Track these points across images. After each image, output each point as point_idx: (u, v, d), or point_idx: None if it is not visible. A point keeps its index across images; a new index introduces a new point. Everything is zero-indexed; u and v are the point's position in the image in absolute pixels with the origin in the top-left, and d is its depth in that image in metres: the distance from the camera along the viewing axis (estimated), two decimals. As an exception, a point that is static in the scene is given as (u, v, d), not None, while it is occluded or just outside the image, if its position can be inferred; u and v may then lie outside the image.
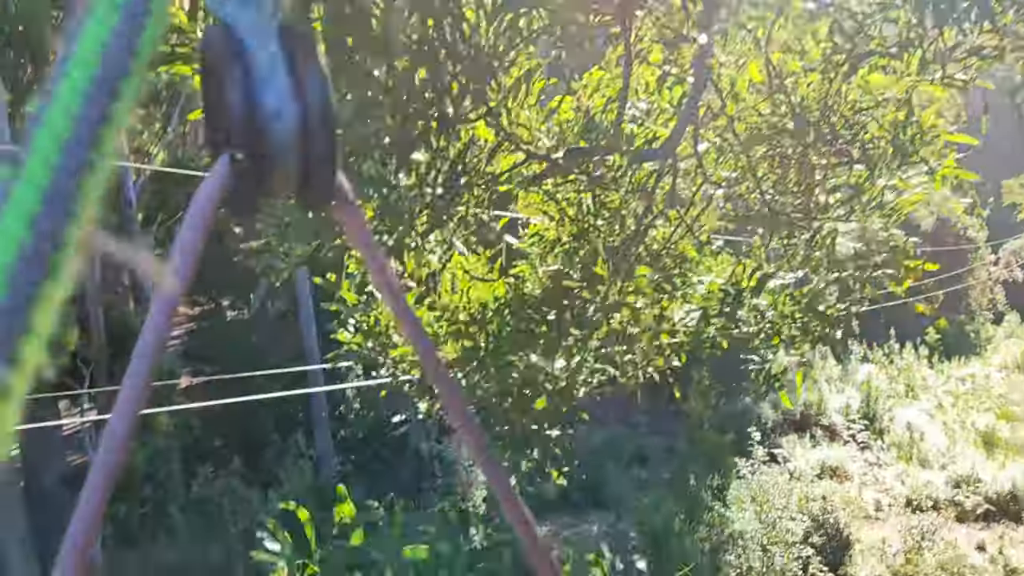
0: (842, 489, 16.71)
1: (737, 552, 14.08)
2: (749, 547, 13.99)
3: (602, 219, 3.98)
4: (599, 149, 3.47)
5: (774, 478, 15.76)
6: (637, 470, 19.24)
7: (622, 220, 3.99)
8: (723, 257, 4.30)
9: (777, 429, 20.23)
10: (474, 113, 2.96)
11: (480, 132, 3.24)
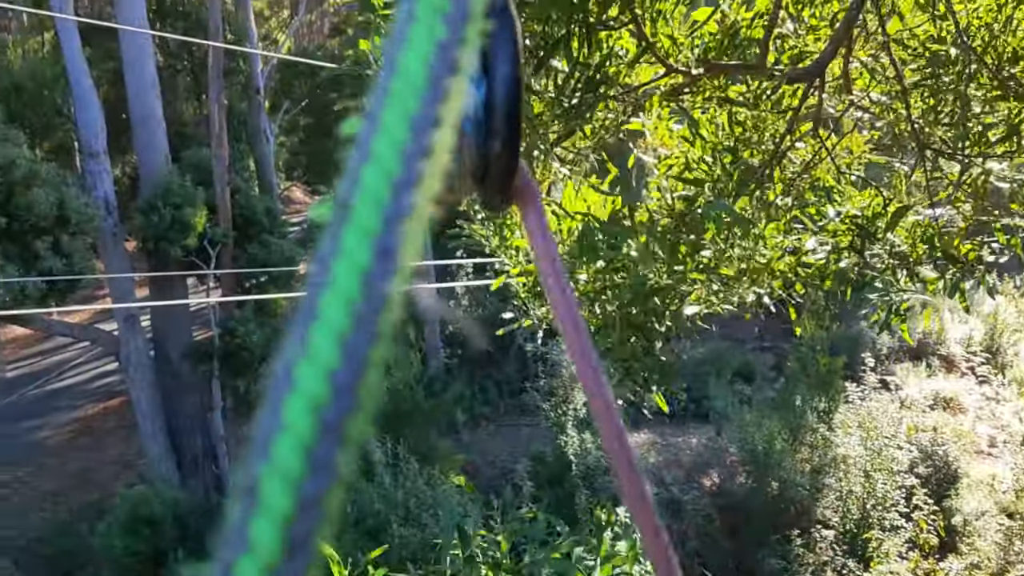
0: (955, 422, 16.24)
1: (838, 476, 13.96)
2: (852, 472, 13.84)
3: (737, 139, 3.85)
4: (742, 67, 3.32)
5: (884, 405, 15.43)
6: (741, 386, 19.12)
7: (760, 140, 3.85)
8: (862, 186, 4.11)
9: (891, 356, 19.70)
10: (618, 21, 2.86)
11: (622, 42, 3.14)
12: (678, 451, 17.16)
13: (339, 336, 0.28)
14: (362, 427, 0.28)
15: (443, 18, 0.34)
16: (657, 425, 18.57)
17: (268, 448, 0.27)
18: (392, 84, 0.33)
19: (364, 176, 0.31)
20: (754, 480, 14.74)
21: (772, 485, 14.35)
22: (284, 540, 0.26)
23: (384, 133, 0.32)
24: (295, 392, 0.28)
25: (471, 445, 17.40)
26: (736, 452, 15.47)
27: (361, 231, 0.30)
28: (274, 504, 0.26)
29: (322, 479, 0.27)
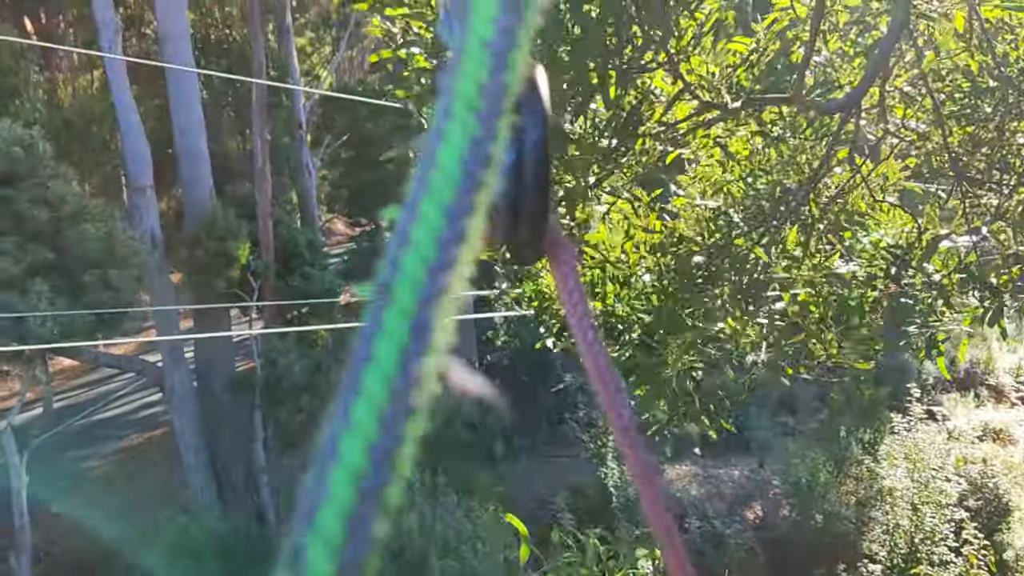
0: (1005, 453, 15.85)
1: (885, 509, 13.68)
2: (899, 505, 13.56)
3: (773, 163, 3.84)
4: (778, 99, 3.33)
5: (931, 436, 15.12)
6: (784, 417, 18.86)
7: (796, 165, 3.84)
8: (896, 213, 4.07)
9: (938, 386, 19.31)
10: (654, 62, 2.89)
11: (658, 83, 3.17)
12: (720, 483, 16.95)
13: (379, 410, 0.31)
14: (398, 495, 0.30)
15: (476, 115, 0.37)
16: (698, 457, 18.38)
17: (312, 516, 0.29)
18: (430, 176, 0.35)
19: (403, 261, 0.33)
20: (798, 513, 14.50)
21: (816, 518, 14.11)
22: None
23: (422, 221, 0.34)
24: (339, 463, 0.30)
25: (510, 477, 17.33)
26: (779, 484, 15.25)
27: (400, 312, 0.32)
28: (318, 569, 0.28)
29: (361, 545, 0.29)
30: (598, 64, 2.75)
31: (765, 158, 3.86)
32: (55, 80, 21.95)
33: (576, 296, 0.63)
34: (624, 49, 2.74)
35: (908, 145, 3.72)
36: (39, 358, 13.49)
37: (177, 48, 15.60)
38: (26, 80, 14.96)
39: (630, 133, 2.83)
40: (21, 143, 12.59)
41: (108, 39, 14.90)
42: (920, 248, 3.54)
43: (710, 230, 3.97)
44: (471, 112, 0.37)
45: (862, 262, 3.81)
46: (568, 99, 2.69)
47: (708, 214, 3.97)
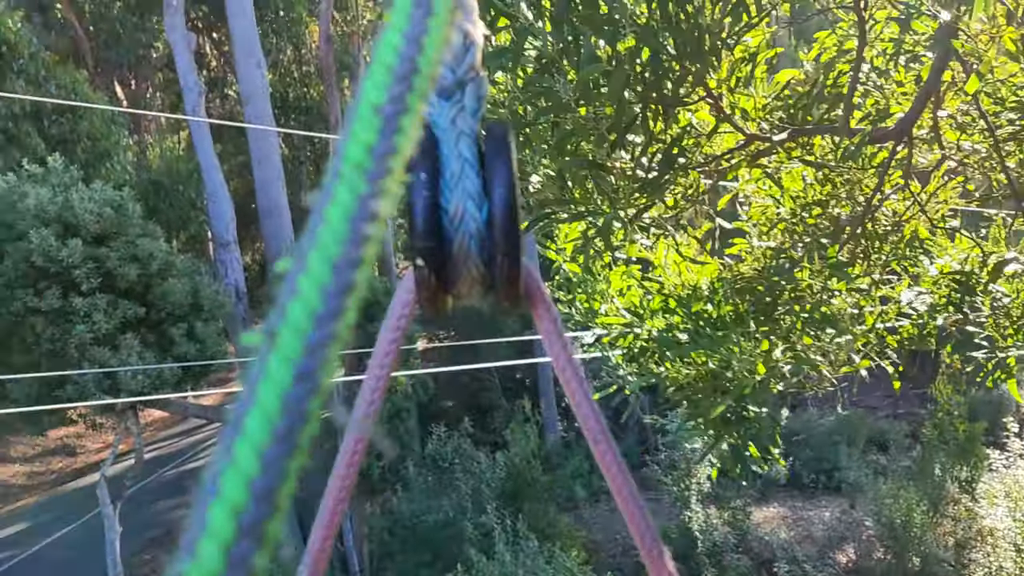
0: (1115, 490, 14.98)
1: (986, 551, 13.04)
2: (1000, 545, 12.91)
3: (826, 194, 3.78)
4: (825, 129, 3.29)
5: (1032, 473, 14.39)
6: (875, 455, 18.24)
7: (850, 195, 3.78)
8: (958, 238, 3.95)
9: (1037, 420, 18.43)
10: (694, 95, 2.89)
11: (700, 116, 3.17)
12: (810, 525, 16.43)
13: (259, 449, 0.32)
14: (278, 529, 0.32)
15: (364, 175, 0.39)
16: (786, 498, 17.87)
17: (193, 548, 0.30)
18: (318, 231, 0.37)
19: (289, 310, 0.35)
20: (893, 556, 13.93)
21: (913, 561, 13.53)
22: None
23: (308, 273, 0.36)
24: (219, 498, 0.31)
25: (591, 521, 17.12)
26: (872, 526, 14.70)
27: (284, 357, 0.34)
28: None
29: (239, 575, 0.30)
30: (635, 96, 2.77)
31: (818, 191, 3.81)
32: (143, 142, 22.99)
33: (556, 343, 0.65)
34: (662, 82, 2.75)
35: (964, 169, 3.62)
36: (130, 410, 13.98)
37: (257, 108, 16.21)
38: (116, 143, 15.71)
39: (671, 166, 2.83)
40: (112, 204, 13.19)
41: (192, 102, 15.60)
42: (986, 272, 3.42)
43: (769, 267, 3.92)
44: (359, 172, 0.39)
45: (927, 289, 3.71)
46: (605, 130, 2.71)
47: (768, 253, 3.93)
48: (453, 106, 0.59)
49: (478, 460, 15.70)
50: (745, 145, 3.20)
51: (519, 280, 0.60)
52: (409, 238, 0.59)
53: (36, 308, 12.51)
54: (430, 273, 0.58)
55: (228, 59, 24.39)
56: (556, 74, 2.70)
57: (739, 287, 3.69)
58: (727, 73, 2.98)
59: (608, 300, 4.04)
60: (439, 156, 0.58)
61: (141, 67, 26.33)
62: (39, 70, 17.35)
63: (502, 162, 0.58)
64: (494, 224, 0.57)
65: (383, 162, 0.39)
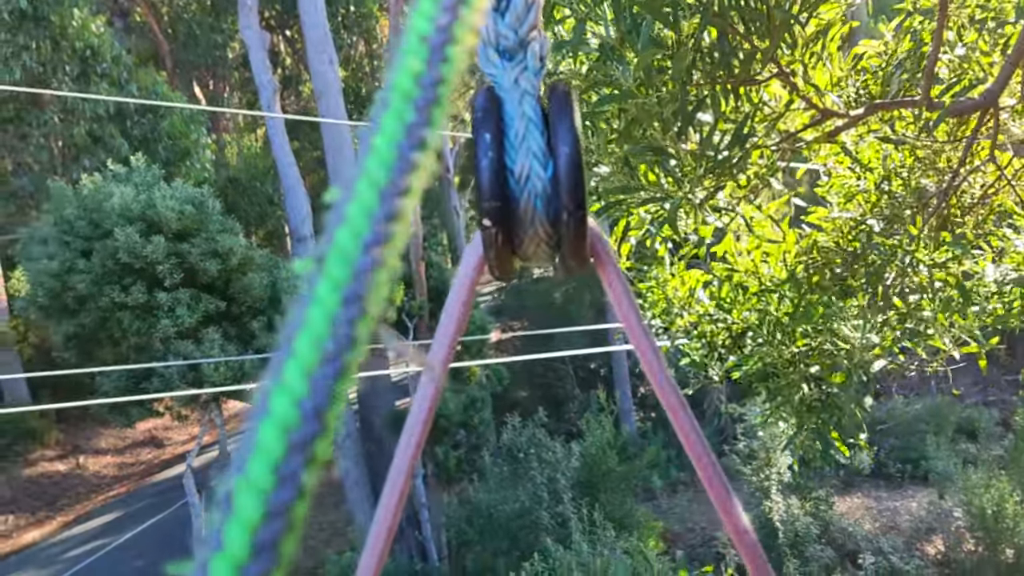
0: None
1: (1084, 543, 12.52)
2: (1100, 538, 12.37)
3: (909, 166, 3.63)
4: (904, 103, 3.15)
5: None
6: (964, 444, 17.66)
7: (934, 166, 3.62)
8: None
9: None
10: (765, 73, 2.80)
11: (771, 91, 3.06)
12: (895, 516, 16.00)
13: (307, 370, 0.32)
14: (327, 448, 0.32)
15: (412, 104, 0.39)
16: (871, 488, 17.44)
17: (244, 464, 0.31)
18: (365, 160, 0.38)
19: (337, 236, 0.36)
20: (985, 548, 13.47)
21: (1007, 552, 13.06)
22: (252, 543, 0.29)
23: (356, 200, 0.37)
24: (269, 416, 0.32)
25: (669, 511, 16.97)
26: (962, 517, 14.23)
27: (332, 282, 0.35)
28: (245, 512, 0.30)
29: (288, 491, 0.30)
30: (703, 76, 2.70)
31: (899, 163, 3.66)
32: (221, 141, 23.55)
33: (625, 303, 0.65)
34: (730, 61, 2.67)
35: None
36: (214, 402, 14.36)
37: (330, 103, 16.43)
38: (196, 142, 16.13)
39: (742, 146, 2.74)
40: (192, 201, 13.56)
41: (267, 99, 15.89)
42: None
43: (847, 239, 3.80)
44: (406, 101, 0.39)
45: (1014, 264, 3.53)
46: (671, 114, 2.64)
47: (847, 223, 3.80)
48: (516, 66, 0.59)
49: (553, 450, 15.69)
50: (820, 121, 3.09)
51: (586, 239, 0.59)
52: (476, 199, 0.59)
53: (123, 303, 12.95)
54: (497, 233, 0.58)
55: (301, 56, 24.80)
56: (617, 61, 2.64)
57: (816, 260, 3.58)
58: (800, 49, 2.87)
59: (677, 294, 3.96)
60: (503, 116, 0.58)
61: (218, 67, 26.99)
62: (121, 73, 17.93)
63: (566, 121, 0.58)
64: (559, 183, 0.57)
65: (430, 91, 0.40)
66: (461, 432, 16.19)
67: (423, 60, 0.40)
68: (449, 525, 15.72)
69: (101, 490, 20.80)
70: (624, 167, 2.81)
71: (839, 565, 13.80)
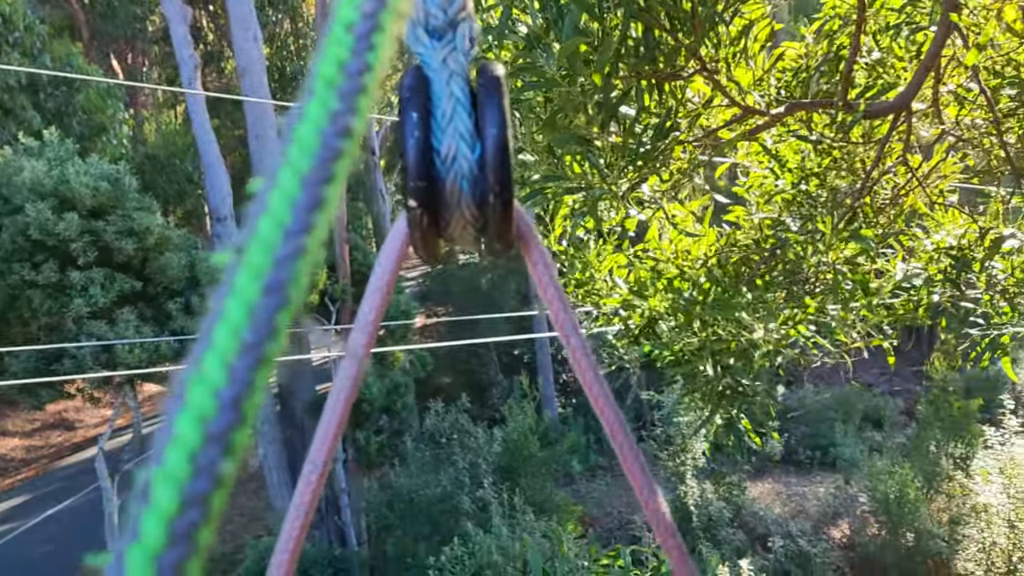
0: (1109, 467, 15.06)
1: (980, 526, 13.13)
2: (994, 522, 12.99)
3: (825, 167, 3.77)
4: (823, 104, 3.26)
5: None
6: (870, 432, 18.34)
7: (850, 168, 3.76)
8: (955, 213, 3.94)
9: (1034, 397, 18.51)
10: (689, 69, 2.87)
11: (695, 87, 3.14)
12: (804, 500, 16.53)
13: (226, 360, 0.32)
14: (246, 438, 0.32)
15: (336, 92, 0.39)
16: (782, 474, 17.98)
17: (161, 455, 0.31)
18: (288, 149, 0.38)
19: (258, 224, 0.36)
20: (887, 531, 14.03)
21: (907, 536, 13.63)
22: (168, 532, 0.30)
23: (278, 189, 0.37)
24: (186, 407, 0.32)
25: (588, 495, 17.22)
26: (867, 502, 14.79)
27: (252, 271, 0.34)
28: (161, 502, 0.30)
29: (205, 481, 0.31)
30: (627, 69, 2.75)
31: (816, 163, 3.79)
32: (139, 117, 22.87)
33: (550, 286, 0.64)
34: (655, 55, 2.73)
35: (964, 144, 3.60)
36: (128, 384, 14.00)
37: (254, 81, 16.09)
38: (113, 117, 15.63)
39: (665, 140, 2.81)
40: (108, 178, 13.14)
41: (188, 75, 15.48)
42: (982, 248, 3.41)
43: (764, 236, 3.92)
44: (331, 89, 0.39)
45: (922, 263, 3.70)
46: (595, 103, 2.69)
47: (765, 222, 3.92)
48: (444, 46, 0.58)
49: (476, 435, 15.75)
50: (741, 118, 3.18)
51: (512, 222, 0.59)
52: (402, 180, 0.58)
53: (33, 282, 12.50)
54: (422, 215, 0.57)
55: (224, 32, 24.21)
56: (543, 50, 2.67)
57: (735, 257, 3.69)
58: (724, 46, 2.95)
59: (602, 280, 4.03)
60: (430, 96, 0.57)
61: (137, 40, 26.16)
62: (34, 43, 17.23)
63: (494, 102, 0.57)
64: (486, 165, 0.56)
65: (356, 79, 0.40)
66: (383, 417, 16.11)
67: (348, 48, 0.41)
68: (369, 510, 15.66)
69: (8, 473, 20.10)
70: (549, 156, 2.85)
71: (750, 548, 14.21)
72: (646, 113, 2.86)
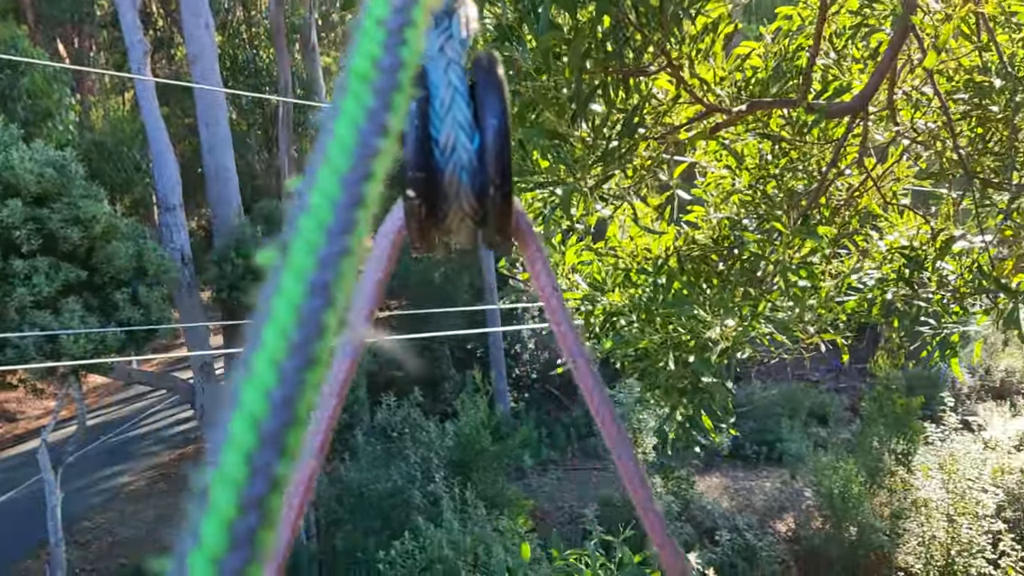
0: (1043, 463, 15.55)
1: (920, 520, 13.46)
2: (934, 516, 13.34)
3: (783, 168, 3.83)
4: (783, 103, 3.32)
5: (966, 446, 14.86)
6: (815, 428, 18.68)
7: (806, 170, 3.83)
8: (908, 215, 4.04)
9: (973, 395, 19.03)
10: (655, 65, 2.89)
11: (660, 83, 3.17)
12: (751, 495, 16.78)
13: (275, 361, 0.32)
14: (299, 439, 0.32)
15: (371, 88, 0.39)
16: (729, 468, 18.23)
17: (217, 458, 0.31)
18: (327, 146, 0.38)
19: (300, 224, 0.35)
20: (831, 525, 14.31)
21: (850, 530, 13.92)
22: (229, 536, 0.29)
23: (319, 188, 0.36)
24: (239, 408, 0.32)
25: (539, 490, 17.29)
26: (811, 496, 15.07)
27: (296, 271, 0.34)
28: (220, 505, 0.30)
29: (262, 483, 0.30)
30: (595, 64, 2.77)
31: (774, 164, 3.86)
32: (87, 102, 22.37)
33: (546, 280, 0.64)
34: (623, 51, 2.75)
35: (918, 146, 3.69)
36: (72, 375, 13.70)
37: (205, 69, 15.84)
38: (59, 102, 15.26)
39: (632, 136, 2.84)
40: (54, 164, 12.83)
41: (137, 61, 15.17)
42: (934, 249, 3.50)
43: (723, 235, 3.97)
44: (366, 85, 0.39)
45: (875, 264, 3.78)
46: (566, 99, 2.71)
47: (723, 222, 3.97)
48: (441, 34, 0.57)
49: (427, 429, 15.71)
50: (704, 116, 3.22)
51: (511, 215, 0.59)
52: (399, 169, 0.57)
53: (-26, 270, 12.17)
54: (420, 205, 0.56)
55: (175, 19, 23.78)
56: (515, 43, 2.68)
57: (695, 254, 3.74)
58: (689, 43, 2.98)
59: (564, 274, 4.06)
60: (427, 85, 0.56)
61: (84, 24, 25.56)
62: (-24, 24, 16.73)
63: (493, 92, 0.57)
64: (486, 156, 0.56)
65: (390, 75, 0.39)
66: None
67: (380, 44, 0.40)
68: (318, 504, 15.55)
69: (-55, 466, 19.57)
70: (519, 150, 2.86)
71: (698, 541, 14.39)
72: (615, 110, 2.88)
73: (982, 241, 3.33)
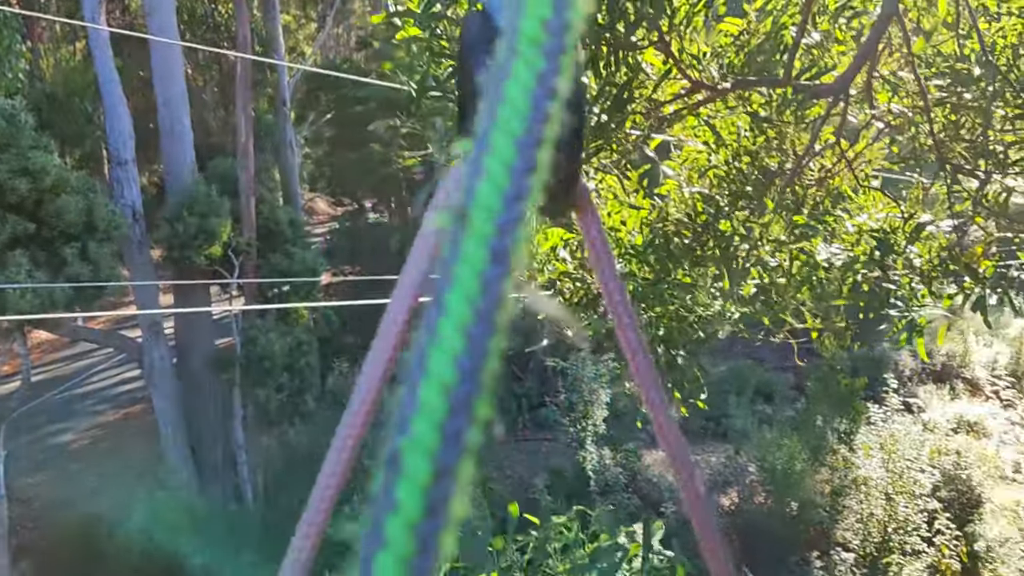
0: (978, 446, 16.06)
1: (859, 498, 13.84)
2: (872, 494, 13.73)
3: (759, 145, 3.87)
4: (768, 81, 3.35)
5: (906, 427, 15.29)
6: (761, 405, 19.02)
7: (780, 148, 3.87)
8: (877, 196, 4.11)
9: (914, 378, 19.53)
10: (645, 40, 2.90)
11: (648, 58, 3.17)
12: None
13: (463, 328, 0.32)
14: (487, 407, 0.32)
15: (541, 51, 0.38)
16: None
17: (407, 424, 0.31)
18: (499, 110, 0.37)
19: (478, 190, 0.35)
20: (773, 500, 14.65)
21: (791, 506, 14.26)
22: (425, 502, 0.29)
23: (494, 152, 0.36)
24: (428, 376, 0.31)
25: (489, 460, 17.39)
26: (755, 472, 15.39)
27: (478, 238, 0.34)
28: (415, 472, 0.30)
29: (454, 451, 0.30)
30: (588, 37, 2.77)
31: (751, 141, 3.89)
32: (37, 50, 21.68)
33: (603, 250, 0.65)
34: (615, 24, 2.75)
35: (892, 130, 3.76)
36: (17, 330, 13.39)
37: (161, 20, 15.43)
38: (8, 49, 14.76)
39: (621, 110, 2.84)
40: (2, 113, 12.45)
41: (91, 9, 14.74)
42: (904, 233, 3.58)
43: (696, 211, 4.00)
44: (535, 47, 0.38)
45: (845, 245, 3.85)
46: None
47: (696, 197, 4.00)
48: None
49: (379, 396, 15.67)
50: (691, 91, 3.24)
51: (578, 180, 0.58)
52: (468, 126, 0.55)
53: (-84, 219, 11.79)
54: None
55: (130, -33, 23.11)
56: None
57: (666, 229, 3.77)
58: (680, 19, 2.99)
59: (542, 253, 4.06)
60: None
61: (34, -32, 24.70)
62: (-80, -38, 16.07)
63: None
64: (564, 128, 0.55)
65: (558, 37, 0.39)
66: (285, 375, 15.86)
67: (549, 5, 0.39)
68: (267, 468, 15.47)
69: None
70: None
71: (644, 512, 14.63)
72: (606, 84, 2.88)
73: (950, 226, 3.41)
